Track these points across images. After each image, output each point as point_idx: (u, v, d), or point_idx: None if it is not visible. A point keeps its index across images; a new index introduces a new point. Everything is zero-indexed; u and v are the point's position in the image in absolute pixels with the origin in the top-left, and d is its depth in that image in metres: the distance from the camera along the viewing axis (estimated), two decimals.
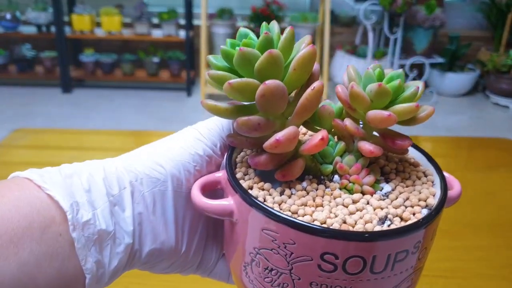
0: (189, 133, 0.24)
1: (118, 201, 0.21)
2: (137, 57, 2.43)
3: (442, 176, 0.23)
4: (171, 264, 0.24)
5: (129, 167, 0.23)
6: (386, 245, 0.19)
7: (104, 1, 2.42)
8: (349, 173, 0.23)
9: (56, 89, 2.38)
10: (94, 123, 2.02)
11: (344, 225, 0.20)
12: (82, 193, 0.20)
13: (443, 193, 0.22)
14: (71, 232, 0.19)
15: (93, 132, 0.95)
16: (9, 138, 0.73)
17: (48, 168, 0.22)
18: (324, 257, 0.19)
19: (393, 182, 0.23)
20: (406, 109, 0.21)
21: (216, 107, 0.22)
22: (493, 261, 0.49)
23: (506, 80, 2.36)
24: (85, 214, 0.20)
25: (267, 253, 0.20)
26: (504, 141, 0.83)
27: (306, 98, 0.21)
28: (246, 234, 0.21)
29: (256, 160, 0.22)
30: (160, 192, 0.22)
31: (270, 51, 0.20)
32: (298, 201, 0.21)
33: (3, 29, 2.33)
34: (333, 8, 2.54)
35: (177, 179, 0.23)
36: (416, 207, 0.22)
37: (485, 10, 2.59)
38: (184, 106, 2.28)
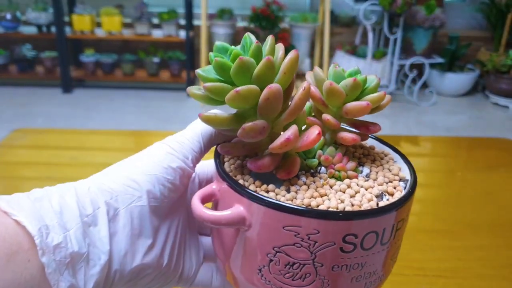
0: (160, 148, 0.24)
1: (93, 221, 0.21)
2: (137, 57, 2.43)
3: (396, 150, 0.27)
4: (153, 278, 0.24)
5: (102, 186, 0.22)
6: (392, 217, 0.21)
7: (105, 1, 2.42)
8: (333, 162, 0.25)
9: (57, 89, 2.38)
10: (94, 123, 2.02)
11: (354, 206, 0.22)
12: (52, 216, 0.20)
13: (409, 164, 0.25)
14: (40, 257, 0.19)
15: (93, 132, 0.95)
16: (9, 138, 0.73)
17: (17, 194, 0.21)
18: (346, 239, 0.21)
19: (366, 165, 0.26)
20: (376, 97, 0.25)
21: (217, 118, 0.23)
22: (493, 261, 0.49)
23: (506, 80, 2.36)
24: (56, 237, 0.19)
25: (288, 249, 0.21)
26: (504, 141, 0.83)
27: (299, 98, 0.22)
28: (262, 236, 0.22)
29: (259, 163, 0.23)
30: (137, 208, 0.22)
31: (268, 57, 0.21)
32: (307, 194, 0.22)
33: (4, 29, 2.33)
34: (333, 8, 2.55)
35: (152, 193, 0.23)
36: (394, 181, 0.25)
37: (485, 10, 2.59)
38: (184, 106, 2.28)
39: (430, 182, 0.66)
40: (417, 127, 2.17)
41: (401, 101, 2.43)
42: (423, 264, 0.48)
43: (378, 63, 2.31)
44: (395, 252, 0.24)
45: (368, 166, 0.26)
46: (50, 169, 0.63)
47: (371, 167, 0.26)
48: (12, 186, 0.59)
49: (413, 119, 2.25)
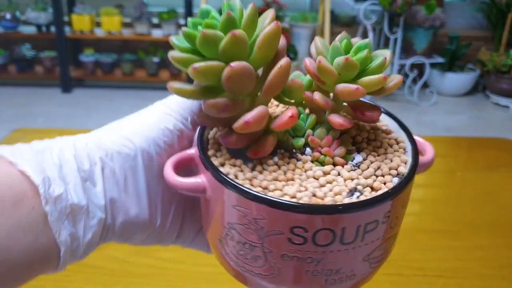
0: (159, 108, 0.24)
1: (89, 176, 0.22)
2: (137, 57, 2.43)
3: (414, 143, 0.23)
4: (147, 236, 0.24)
5: (99, 142, 0.23)
6: (355, 217, 0.19)
7: (104, 1, 2.42)
8: (320, 145, 0.23)
9: (56, 89, 2.38)
10: (94, 123, 2.02)
11: (313, 198, 0.20)
12: (53, 169, 0.21)
13: (414, 161, 0.22)
14: (44, 206, 0.20)
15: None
16: (9, 138, 0.73)
17: (18, 145, 0.22)
18: (294, 231, 0.19)
19: (364, 151, 0.23)
20: (373, 81, 0.22)
21: (183, 90, 0.22)
22: (493, 261, 0.49)
23: (506, 80, 2.36)
24: (57, 188, 0.20)
25: (240, 228, 0.21)
26: (504, 141, 0.83)
27: (274, 75, 0.21)
28: (219, 210, 0.21)
29: (227, 140, 0.22)
30: (131, 168, 0.23)
31: (233, 32, 0.19)
32: (269, 177, 0.21)
33: (3, 29, 2.33)
34: (333, 8, 2.54)
35: (148, 154, 0.23)
36: (387, 176, 0.22)
37: (485, 10, 2.59)
38: None
39: (430, 182, 0.65)
40: (417, 127, 2.16)
41: (402, 101, 2.43)
42: (423, 264, 0.48)
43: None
44: (374, 254, 0.21)
45: (364, 154, 0.23)
46: None
47: (368, 155, 0.23)
48: None
49: (413, 119, 2.25)
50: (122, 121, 0.25)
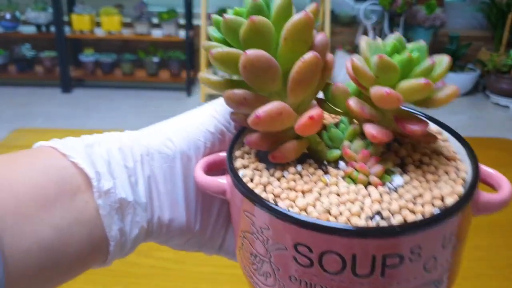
0: (204, 110, 0.24)
1: (133, 173, 0.22)
2: (137, 57, 2.43)
3: (476, 173, 0.19)
4: (185, 241, 0.24)
5: (143, 140, 0.23)
6: (368, 244, 0.16)
7: (104, 1, 2.42)
8: (355, 160, 0.20)
9: (56, 89, 2.37)
10: (94, 123, 2.02)
11: (324, 215, 0.18)
12: (102, 163, 0.21)
13: (467, 192, 0.18)
14: (97, 199, 0.20)
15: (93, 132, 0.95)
16: (9, 138, 0.73)
17: (69, 138, 0.22)
18: (298, 248, 0.17)
19: (409, 174, 0.20)
20: (412, 86, 0.18)
21: (209, 80, 0.21)
22: (493, 261, 0.49)
23: (506, 80, 2.36)
24: (106, 183, 0.20)
25: (250, 238, 0.19)
26: (504, 141, 0.83)
27: (296, 71, 0.19)
28: (236, 215, 0.20)
29: (249, 139, 0.21)
30: (170, 168, 0.22)
31: (252, 18, 0.18)
32: (284, 184, 0.19)
33: (3, 29, 2.33)
34: (333, 8, 2.54)
35: (187, 156, 0.23)
36: (427, 206, 0.18)
37: (485, 10, 2.59)
38: (184, 106, 2.28)
39: None
40: None
41: None
42: None
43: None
44: None
45: (408, 177, 0.20)
46: None
47: (413, 179, 0.20)
48: None
49: None
50: (169, 120, 0.24)
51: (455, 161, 0.21)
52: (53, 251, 0.18)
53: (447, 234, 0.18)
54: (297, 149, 0.20)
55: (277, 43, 0.19)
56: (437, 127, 0.24)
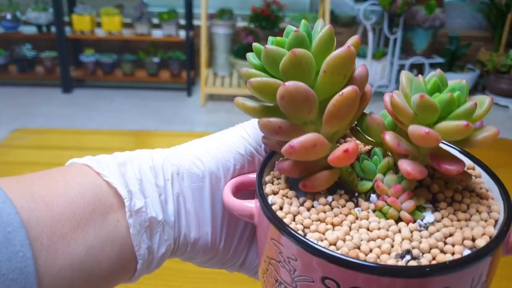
0: (236, 131, 0.24)
1: (163, 192, 0.22)
2: (137, 57, 2.43)
3: (509, 214, 0.19)
4: (209, 259, 0.24)
5: (173, 159, 0.23)
6: (395, 283, 0.16)
7: (104, 1, 2.42)
8: (387, 194, 0.20)
9: (57, 89, 2.38)
10: (94, 123, 2.02)
11: (354, 251, 0.18)
12: (134, 182, 0.21)
13: (499, 234, 0.18)
14: (128, 218, 0.20)
15: (93, 132, 0.95)
16: (9, 138, 0.73)
17: (103, 156, 0.22)
18: (326, 282, 0.17)
19: (442, 212, 0.20)
20: (452, 128, 0.18)
21: (244, 105, 0.21)
22: None
23: (506, 80, 2.36)
24: (138, 202, 0.21)
25: (275, 265, 0.20)
26: (504, 141, 0.83)
27: (333, 104, 0.19)
28: (263, 240, 0.21)
29: (281, 165, 0.21)
30: (198, 188, 0.23)
31: (294, 50, 0.18)
32: (314, 216, 0.19)
33: (4, 29, 2.33)
34: (333, 8, 2.54)
35: (216, 176, 0.23)
36: (458, 246, 0.18)
37: (485, 10, 2.59)
38: (184, 106, 2.28)
39: None
40: None
41: None
42: None
43: (378, 63, 2.31)
44: None
45: (440, 215, 0.19)
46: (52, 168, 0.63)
47: (445, 217, 0.19)
48: None
49: None
50: (200, 139, 0.24)
51: (488, 200, 0.21)
52: (85, 269, 0.19)
53: (477, 276, 0.18)
54: (328, 180, 0.20)
55: (316, 73, 0.20)
56: (470, 161, 0.24)
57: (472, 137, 0.19)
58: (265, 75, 0.20)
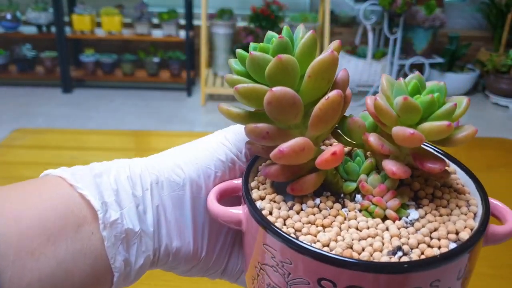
0: (215, 137, 0.24)
1: (141, 202, 0.22)
2: (137, 57, 2.44)
3: (487, 207, 0.20)
4: (191, 268, 0.24)
5: (152, 168, 0.23)
6: (390, 279, 0.17)
7: (105, 1, 2.42)
8: (372, 193, 0.21)
9: (57, 89, 2.38)
10: (94, 123, 2.02)
11: (347, 250, 0.18)
12: (110, 193, 0.21)
13: (480, 226, 0.19)
14: (102, 231, 0.20)
15: (93, 132, 0.95)
16: (9, 138, 0.73)
17: (78, 167, 0.22)
18: (321, 283, 0.18)
19: (424, 208, 0.21)
20: (435, 128, 0.19)
21: (228, 111, 0.21)
22: (493, 261, 0.49)
23: (506, 80, 2.36)
24: (113, 213, 0.20)
25: (268, 270, 0.20)
26: (504, 141, 0.83)
27: (319, 108, 0.19)
28: (252, 246, 0.21)
29: (267, 170, 0.21)
30: (179, 196, 0.22)
31: (280, 56, 0.19)
32: (304, 218, 0.20)
33: (4, 29, 2.33)
34: (333, 8, 2.54)
35: (196, 184, 0.23)
36: (443, 240, 0.19)
37: (485, 10, 2.59)
38: (184, 106, 2.28)
39: None
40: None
41: None
42: None
43: (378, 63, 2.31)
44: None
45: (423, 211, 0.21)
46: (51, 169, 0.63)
47: (428, 213, 0.20)
48: None
49: None
50: (179, 147, 0.24)
51: (465, 194, 0.22)
52: (55, 283, 0.19)
53: (462, 266, 0.19)
54: (315, 182, 0.21)
55: (300, 78, 0.20)
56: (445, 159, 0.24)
57: (452, 136, 0.20)
58: (250, 81, 0.20)
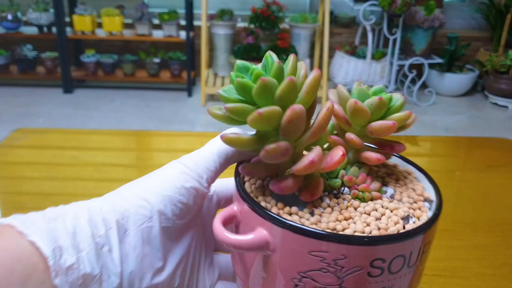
0: (174, 167, 0.24)
1: (105, 241, 0.21)
2: (138, 58, 2.44)
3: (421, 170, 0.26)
4: None
5: (115, 205, 0.22)
6: (419, 240, 0.21)
7: (105, 2, 2.43)
8: (356, 183, 0.24)
9: (57, 90, 2.38)
10: (95, 123, 2.02)
11: (382, 230, 0.21)
12: (65, 237, 0.20)
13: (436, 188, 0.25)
14: (53, 279, 0.19)
15: (94, 132, 0.95)
16: (9, 138, 0.74)
17: (32, 213, 0.21)
18: (374, 264, 0.20)
19: (390, 185, 0.25)
20: (403, 116, 0.24)
21: (239, 139, 0.22)
22: (493, 261, 0.50)
23: (505, 80, 2.36)
24: (69, 258, 0.20)
25: (314, 274, 0.21)
26: (503, 141, 0.84)
27: (323, 118, 0.22)
28: (286, 261, 0.21)
29: (282, 185, 0.22)
30: (148, 229, 0.22)
31: (290, 78, 0.21)
32: (331, 218, 0.22)
33: (5, 30, 2.34)
34: (332, 9, 2.55)
35: (164, 213, 0.23)
36: (419, 202, 0.24)
37: (484, 10, 2.59)
38: (185, 106, 2.29)
39: None
40: (416, 127, 2.17)
41: None
42: None
43: (378, 63, 2.31)
44: (420, 274, 0.23)
45: (392, 186, 0.25)
46: (51, 169, 0.63)
47: (395, 187, 0.25)
48: (13, 186, 0.60)
49: None
50: (138, 180, 0.24)
51: (398, 167, 0.27)
52: None
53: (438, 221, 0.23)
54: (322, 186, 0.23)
55: None
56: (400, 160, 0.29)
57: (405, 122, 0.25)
58: (255, 107, 0.21)
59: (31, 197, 0.56)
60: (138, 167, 0.67)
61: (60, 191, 0.56)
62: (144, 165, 0.68)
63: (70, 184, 0.58)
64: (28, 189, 0.58)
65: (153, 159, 0.70)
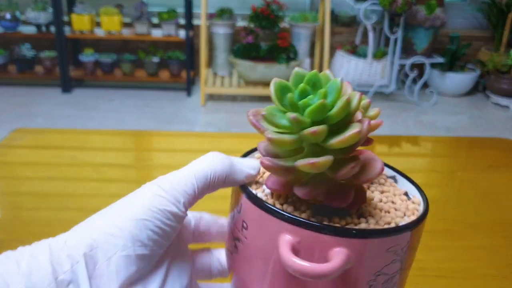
0: (150, 189, 0.22)
1: (72, 278, 0.20)
2: (137, 57, 2.43)
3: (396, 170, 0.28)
4: None
5: (82, 237, 0.21)
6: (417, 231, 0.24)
7: (104, 1, 2.42)
8: None
9: (56, 89, 2.38)
10: (94, 123, 2.02)
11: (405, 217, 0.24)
12: (18, 279, 0.19)
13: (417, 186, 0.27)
14: None
15: (93, 132, 0.95)
16: (8, 138, 0.73)
17: None
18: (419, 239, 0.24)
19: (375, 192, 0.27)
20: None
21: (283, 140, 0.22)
22: (494, 261, 0.49)
23: (506, 80, 2.36)
24: None
25: (387, 268, 0.22)
26: (504, 141, 0.83)
27: None
28: (365, 268, 0.21)
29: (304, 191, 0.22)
30: (121, 258, 0.21)
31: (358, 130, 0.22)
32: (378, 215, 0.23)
33: (3, 29, 2.33)
34: (333, 8, 2.54)
35: (139, 239, 0.21)
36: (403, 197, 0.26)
37: (486, 10, 2.59)
38: (184, 106, 2.28)
39: (430, 182, 0.65)
40: (417, 127, 2.17)
41: (402, 101, 2.43)
42: (423, 264, 0.48)
43: (379, 63, 2.30)
44: None
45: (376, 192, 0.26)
46: (50, 169, 0.63)
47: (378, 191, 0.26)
48: (12, 186, 0.59)
49: (413, 119, 2.25)
50: (109, 208, 0.23)
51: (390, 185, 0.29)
52: None
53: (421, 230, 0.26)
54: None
55: None
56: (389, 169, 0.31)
57: None
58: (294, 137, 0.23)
59: (30, 197, 0.55)
60: (137, 167, 0.66)
61: (59, 191, 0.56)
62: (143, 165, 0.67)
63: (69, 184, 0.58)
64: (27, 189, 0.57)
65: (152, 159, 0.69)
